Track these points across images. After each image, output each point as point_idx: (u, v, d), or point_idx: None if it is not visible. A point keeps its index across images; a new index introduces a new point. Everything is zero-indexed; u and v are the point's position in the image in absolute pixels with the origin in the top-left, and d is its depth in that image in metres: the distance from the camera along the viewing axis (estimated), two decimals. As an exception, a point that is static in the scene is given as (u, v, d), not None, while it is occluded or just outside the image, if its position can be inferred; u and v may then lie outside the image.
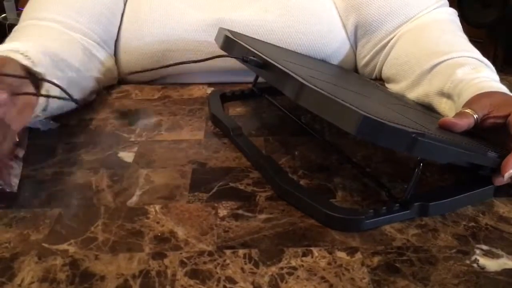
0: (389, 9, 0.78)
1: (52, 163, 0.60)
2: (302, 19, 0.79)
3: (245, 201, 0.52)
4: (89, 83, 0.75)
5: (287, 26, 0.79)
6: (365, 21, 0.80)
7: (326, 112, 0.47)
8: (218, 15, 0.79)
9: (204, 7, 0.81)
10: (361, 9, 0.79)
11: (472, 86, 0.60)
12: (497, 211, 0.51)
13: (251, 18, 0.79)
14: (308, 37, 0.79)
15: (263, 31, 0.79)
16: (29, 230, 0.48)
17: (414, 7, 0.78)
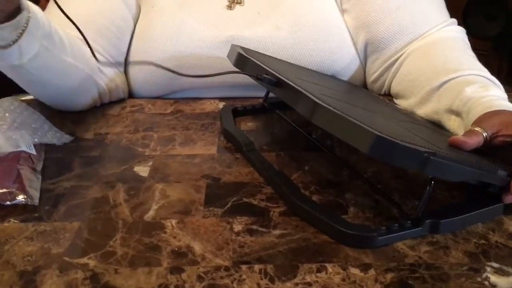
0: (399, 27, 0.79)
1: (70, 177, 0.61)
2: (313, 37, 0.81)
3: (259, 216, 0.54)
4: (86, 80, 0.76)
5: (298, 43, 0.80)
6: (375, 38, 0.81)
7: (339, 130, 0.48)
8: (231, 32, 0.81)
9: (216, 24, 0.82)
10: (371, 27, 0.81)
11: (481, 105, 0.62)
12: (507, 229, 0.52)
13: (263, 35, 0.81)
14: (318, 53, 0.81)
15: (274, 48, 0.81)
16: (50, 244, 0.49)
17: (423, 25, 0.79)
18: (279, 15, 0.82)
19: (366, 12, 0.81)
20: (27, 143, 0.62)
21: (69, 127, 0.74)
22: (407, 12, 0.80)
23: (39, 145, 0.65)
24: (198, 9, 0.83)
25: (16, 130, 0.64)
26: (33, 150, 0.62)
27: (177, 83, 0.83)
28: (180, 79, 0.79)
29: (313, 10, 0.82)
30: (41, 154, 0.64)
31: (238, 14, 0.83)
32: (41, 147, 0.65)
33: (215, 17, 0.83)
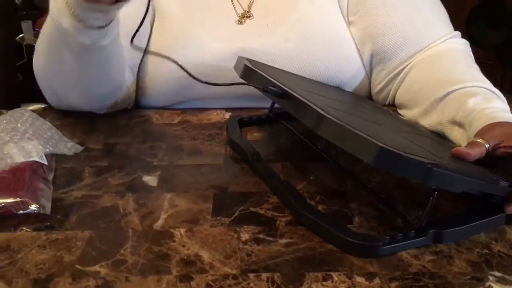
0: (404, 39, 0.81)
1: (80, 187, 0.62)
2: (320, 48, 0.82)
3: (266, 225, 0.55)
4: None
5: (305, 54, 0.82)
6: (380, 49, 0.83)
7: (344, 142, 0.49)
8: (240, 45, 0.83)
9: (227, 37, 0.84)
10: (377, 38, 0.82)
11: (483, 116, 0.63)
12: (509, 238, 0.53)
13: (271, 47, 0.83)
14: (325, 64, 0.82)
15: (282, 59, 0.82)
16: (62, 252, 0.50)
17: (428, 37, 0.81)
18: (287, 28, 0.83)
19: (372, 24, 0.83)
20: (38, 153, 0.63)
21: (79, 137, 0.76)
22: (412, 24, 0.82)
23: (50, 155, 0.66)
24: (209, 23, 0.85)
25: (28, 140, 0.65)
26: (45, 160, 0.63)
27: (187, 93, 0.85)
28: (191, 89, 0.81)
29: (320, 23, 0.84)
30: (52, 164, 0.65)
31: (248, 27, 0.85)
32: (52, 157, 0.66)
33: (225, 31, 0.85)
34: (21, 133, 0.67)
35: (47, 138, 0.69)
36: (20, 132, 0.67)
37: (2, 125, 0.68)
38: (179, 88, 0.84)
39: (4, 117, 0.71)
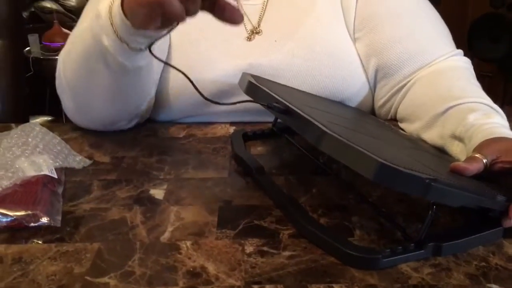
0: (408, 55, 0.83)
1: (89, 200, 0.64)
2: (326, 64, 0.85)
3: (269, 238, 0.56)
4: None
5: (312, 70, 0.84)
6: (384, 64, 0.85)
7: (346, 157, 0.51)
8: (249, 61, 0.85)
9: (236, 53, 0.87)
10: (382, 54, 0.85)
11: (483, 131, 0.65)
12: (507, 252, 0.55)
13: (279, 62, 0.85)
14: (331, 80, 0.85)
15: (290, 74, 0.85)
16: (72, 264, 0.52)
17: (431, 54, 0.83)
18: (295, 43, 0.86)
19: (378, 40, 0.85)
20: (49, 167, 0.65)
21: (87, 151, 0.78)
22: (416, 41, 0.84)
23: (59, 168, 0.68)
24: (220, 40, 0.87)
25: (38, 154, 0.67)
26: (55, 173, 0.65)
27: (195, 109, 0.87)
28: (199, 105, 0.84)
29: (327, 39, 0.87)
30: (61, 178, 0.67)
31: (257, 43, 0.88)
32: (62, 171, 0.68)
33: (235, 48, 0.87)
34: (32, 147, 0.69)
35: (57, 152, 0.71)
36: (31, 147, 0.69)
37: (14, 139, 0.70)
38: (188, 104, 0.86)
39: (15, 132, 0.73)
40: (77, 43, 0.77)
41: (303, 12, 0.88)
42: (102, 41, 0.69)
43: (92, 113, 0.82)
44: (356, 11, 0.88)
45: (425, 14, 0.88)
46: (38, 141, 0.71)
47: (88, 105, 0.81)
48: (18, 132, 0.73)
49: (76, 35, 0.80)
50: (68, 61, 0.79)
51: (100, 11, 0.69)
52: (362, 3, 0.87)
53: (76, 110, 0.83)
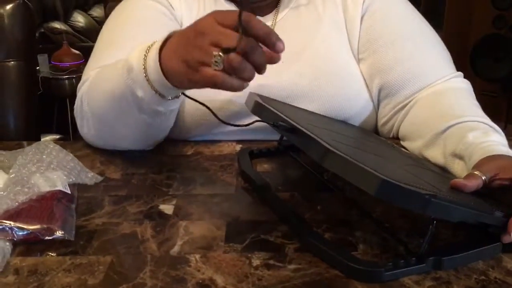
0: (410, 76, 0.86)
1: (101, 214, 0.66)
2: (333, 84, 0.88)
3: (275, 252, 0.58)
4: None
5: (318, 89, 0.87)
6: (387, 84, 0.88)
7: (349, 174, 0.53)
8: (258, 82, 0.87)
9: None
10: (385, 74, 0.88)
11: (482, 149, 0.67)
12: (505, 266, 0.56)
13: (287, 83, 0.88)
14: (337, 99, 0.88)
15: (297, 94, 0.88)
16: (86, 275, 0.54)
17: (433, 75, 0.86)
18: (302, 64, 0.89)
19: (381, 60, 0.88)
20: (63, 183, 0.67)
21: (98, 167, 0.80)
22: (418, 62, 0.87)
23: (72, 184, 0.70)
24: None
25: (53, 171, 0.70)
26: (68, 189, 0.68)
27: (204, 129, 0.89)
28: (209, 126, 0.87)
29: (332, 59, 0.90)
30: (74, 193, 0.70)
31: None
32: (75, 187, 0.71)
33: None
34: (46, 164, 0.71)
35: (70, 168, 0.73)
36: (45, 163, 0.71)
37: (29, 156, 0.73)
38: (201, 125, 0.88)
39: (29, 149, 0.76)
40: (105, 81, 0.77)
41: (309, 34, 0.91)
42: (136, 93, 0.68)
43: (114, 142, 0.84)
44: (360, 33, 0.91)
45: (427, 38, 0.91)
46: (52, 158, 0.73)
47: (113, 136, 0.82)
48: (33, 149, 0.76)
49: (104, 72, 0.79)
50: (95, 94, 0.79)
51: (132, 63, 0.67)
52: (366, 25, 0.91)
53: (97, 137, 0.85)
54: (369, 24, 0.90)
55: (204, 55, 0.56)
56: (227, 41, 0.54)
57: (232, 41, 0.54)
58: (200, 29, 0.57)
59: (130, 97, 0.71)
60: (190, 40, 0.57)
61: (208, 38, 0.55)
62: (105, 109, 0.78)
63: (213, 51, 0.55)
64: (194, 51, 0.57)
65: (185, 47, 0.58)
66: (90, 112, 0.81)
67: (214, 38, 0.55)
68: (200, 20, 0.58)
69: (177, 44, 0.61)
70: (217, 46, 0.55)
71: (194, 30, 0.58)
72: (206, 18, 0.57)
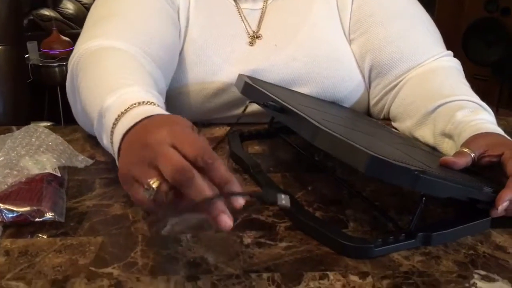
0: (400, 55, 0.86)
1: (92, 197, 0.66)
2: (325, 65, 0.88)
3: (267, 230, 0.59)
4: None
5: (312, 72, 0.88)
6: (377, 64, 0.88)
7: (339, 152, 0.53)
8: (252, 67, 0.88)
9: (239, 60, 0.89)
10: (375, 54, 0.88)
11: (471, 127, 0.67)
12: (494, 241, 0.57)
13: (280, 67, 0.88)
14: (330, 80, 0.88)
15: (291, 76, 0.88)
16: (77, 256, 0.54)
17: (423, 54, 0.86)
18: (295, 47, 0.89)
19: (371, 41, 0.88)
20: (52, 166, 0.67)
21: (89, 151, 0.80)
22: (408, 42, 0.87)
23: (62, 167, 0.70)
24: (223, 46, 0.90)
25: (42, 154, 0.69)
26: (58, 172, 0.67)
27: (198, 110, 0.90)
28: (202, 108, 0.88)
29: (324, 41, 0.90)
30: (64, 176, 0.69)
31: (258, 48, 0.90)
32: (65, 169, 0.70)
33: (238, 54, 0.90)
34: (35, 147, 0.71)
35: (59, 152, 0.73)
36: (34, 146, 0.71)
37: (18, 140, 0.72)
38: (198, 109, 0.89)
39: (18, 133, 0.75)
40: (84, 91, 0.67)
41: (300, 16, 0.91)
42: (102, 138, 0.61)
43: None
44: (351, 13, 0.91)
45: (417, 17, 0.91)
46: (42, 141, 0.73)
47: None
48: (22, 133, 0.75)
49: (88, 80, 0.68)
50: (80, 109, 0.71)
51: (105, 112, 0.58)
52: (356, 5, 0.90)
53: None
54: (359, 3, 0.90)
55: (139, 175, 0.46)
56: (165, 170, 0.44)
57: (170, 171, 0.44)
58: (149, 141, 0.47)
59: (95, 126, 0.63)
60: (136, 150, 0.48)
61: (149, 158, 0.46)
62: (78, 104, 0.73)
63: (149, 177, 0.45)
64: (134, 166, 0.47)
65: (131, 155, 0.49)
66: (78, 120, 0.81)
67: (154, 162, 0.45)
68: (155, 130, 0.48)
69: (130, 144, 0.51)
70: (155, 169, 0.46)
71: (143, 141, 0.48)
72: (161, 131, 0.47)
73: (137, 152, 0.48)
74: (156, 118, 0.52)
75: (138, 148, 0.48)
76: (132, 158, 0.48)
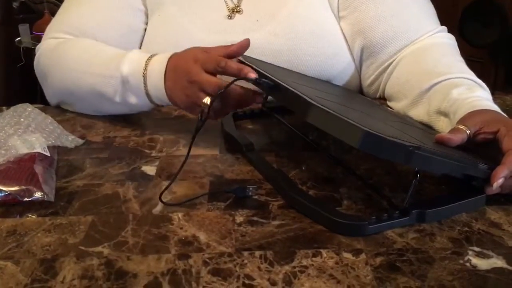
0: (393, 33, 0.84)
1: (82, 176, 0.65)
2: (310, 42, 0.85)
3: (259, 209, 0.58)
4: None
5: (295, 49, 0.85)
6: (370, 43, 0.86)
7: (332, 128, 0.52)
8: (229, 38, 0.86)
9: (217, 30, 0.87)
10: (367, 33, 0.85)
11: (466, 105, 0.66)
12: (489, 218, 0.56)
13: (261, 42, 0.85)
14: (314, 59, 0.85)
15: (272, 53, 0.85)
16: (66, 235, 0.53)
17: (416, 32, 0.84)
18: (277, 23, 0.86)
19: (362, 19, 0.86)
20: (41, 145, 0.66)
21: (79, 131, 0.78)
22: (401, 19, 0.85)
23: (52, 147, 0.69)
24: (200, 17, 0.88)
25: (31, 133, 0.68)
26: (47, 151, 0.66)
27: None
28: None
29: (309, 18, 0.87)
30: (54, 156, 0.68)
31: (238, 22, 0.88)
32: (54, 149, 0.69)
33: (216, 25, 0.88)
34: (24, 126, 0.70)
35: (49, 131, 0.71)
36: (23, 126, 0.70)
37: (6, 119, 0.71)
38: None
39: (7, 112, 0.74)
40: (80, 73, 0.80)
41: None
42: (127, 99, 0.77)
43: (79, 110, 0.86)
44: None
45: None
46: (31, 121, 0.71)
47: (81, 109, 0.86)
48: (11, 112, 0.74)
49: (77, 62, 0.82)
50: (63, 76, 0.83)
51: (127, 76, 0.75)
52: None
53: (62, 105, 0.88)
54: None
55: (196, 100, 0.68)
56: (212, 89, 0.66)
57: (214, 89, 0.66)
58: (192, 78, 0.68)
59: (117, 98, 0.77)
60: (184, 87, 0.70)
61: (198, 87, 0.68)
62: (75, 95, 0.83)
63: (202, 98, 0.66)
64: (189, 96, 0.70)
65: (181, 90, 0.70)
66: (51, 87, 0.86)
67: (202, 87, 0.67)
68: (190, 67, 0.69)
69: (175, 83, 0.72)
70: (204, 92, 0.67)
71: (187, 79, 0.69)
72: (194, 66, 0.69)
73: (186, 88, 0.69)
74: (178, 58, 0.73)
75: (184, 86, 0.70)
76: (187, 91, 0.69)
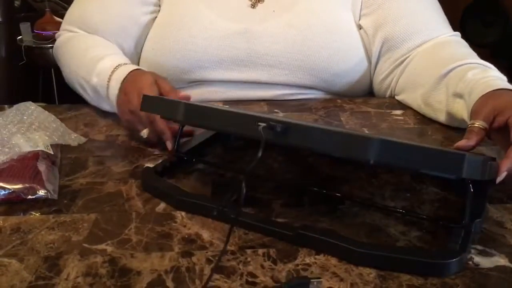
0: (413, 29, 0.87)
1: (85, 174, 0.65)
2: (323, 35, 0.87)
3: (262, 207, 0.58)
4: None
5: (308, 40, 0.87)
6: (391, 37, 0.88)
7: None
8: (245, 25, 0.87)
9: (232, 17, 0.88)
10: (388, 27, 0.88)
11: (481, 85, 0.67)
12: (491, 216, 0.56)
13: (275, 31, 0.87)
14: (327, 51, 0.87)
15: (284, 43, 0.87)
16: (70, 233, 0.53)
17: (435, 30, 0.87)
18: (293, 14, 0.88)
19: (385, 15, 0.89)
20: (45, 143, 0.66)
21: (82, 129, 0.79)
22: (421, 18, 0.89)
23: (55, 145, 0.69)
24: (220, 3, 0.89)
25: (34, 131, 0.68)
26: (51, 149, 0.66)
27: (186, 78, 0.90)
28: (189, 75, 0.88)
29: (325, 12, 0.89)
30: (57, 154, 0.68)
31: (256, 11, 0.90)
32: (57, 147, 0.69)
33: (233, 12, 0.89)
34: (27, 124, 0.70)
35: (52, 129, 0.72)
36: (26, 124, 0.70)
37: (9, 117, 0.71)
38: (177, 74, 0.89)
39: (10, 111, 0.74)
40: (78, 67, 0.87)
41: None
42: (103, 107, 0.83)
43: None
44: None
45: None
46: (34, 119, 0.72)
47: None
48: (14, 111, 0.74)
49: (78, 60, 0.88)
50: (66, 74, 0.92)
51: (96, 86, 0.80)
52: None
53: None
54: None
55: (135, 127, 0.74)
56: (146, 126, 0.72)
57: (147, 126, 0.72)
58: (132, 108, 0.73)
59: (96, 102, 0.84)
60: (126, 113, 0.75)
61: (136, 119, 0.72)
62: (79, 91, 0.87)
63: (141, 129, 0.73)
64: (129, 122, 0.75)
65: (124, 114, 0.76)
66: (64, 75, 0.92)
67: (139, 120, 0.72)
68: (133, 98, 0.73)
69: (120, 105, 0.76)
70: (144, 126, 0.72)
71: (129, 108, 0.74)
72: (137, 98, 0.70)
73: (127, 114, 0.74)
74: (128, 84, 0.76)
75: (127, 111, 0.74)
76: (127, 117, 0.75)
